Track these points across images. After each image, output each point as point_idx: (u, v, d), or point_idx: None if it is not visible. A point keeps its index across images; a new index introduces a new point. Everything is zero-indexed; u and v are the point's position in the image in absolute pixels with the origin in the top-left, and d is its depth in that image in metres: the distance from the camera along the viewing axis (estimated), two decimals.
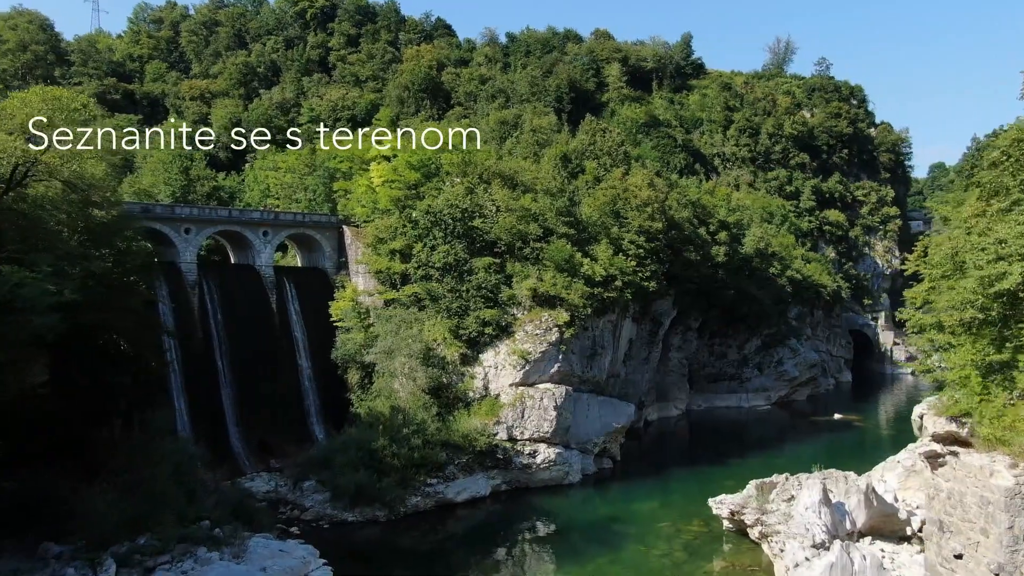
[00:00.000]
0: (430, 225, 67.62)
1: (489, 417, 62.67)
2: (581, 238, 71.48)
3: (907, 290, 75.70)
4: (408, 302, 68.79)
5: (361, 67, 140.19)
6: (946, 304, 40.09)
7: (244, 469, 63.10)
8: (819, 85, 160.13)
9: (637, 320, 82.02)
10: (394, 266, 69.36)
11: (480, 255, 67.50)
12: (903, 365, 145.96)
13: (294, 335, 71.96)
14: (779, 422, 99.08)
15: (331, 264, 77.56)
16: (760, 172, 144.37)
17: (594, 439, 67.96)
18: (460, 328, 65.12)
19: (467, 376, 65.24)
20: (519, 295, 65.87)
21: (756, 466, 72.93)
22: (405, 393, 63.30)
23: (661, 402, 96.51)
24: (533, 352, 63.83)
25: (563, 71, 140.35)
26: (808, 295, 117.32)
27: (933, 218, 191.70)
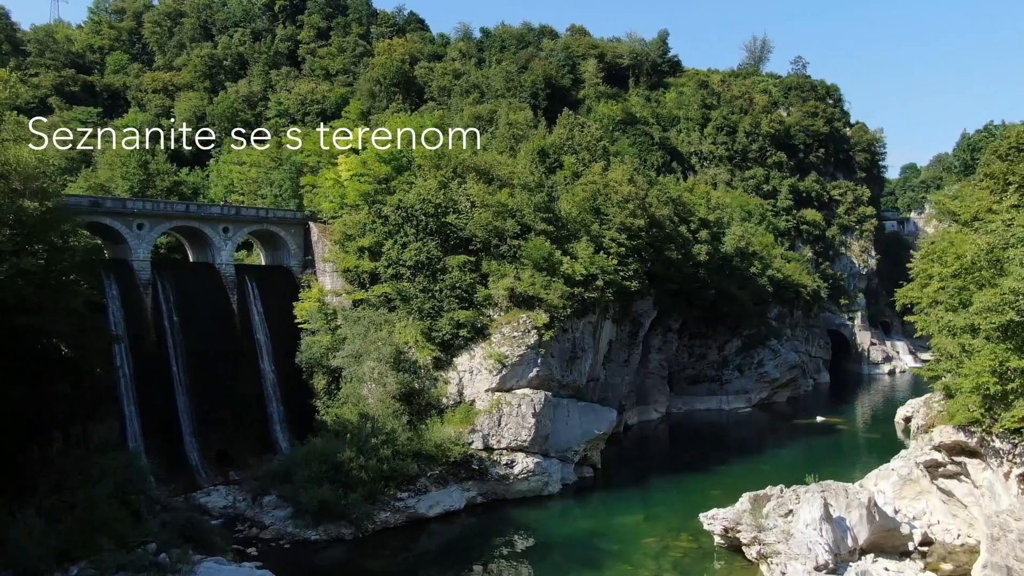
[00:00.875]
0: (401, 221, 63.23)
1: (464, 425, 58.43)
2: (560, 235, 67.47)
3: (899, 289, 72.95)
4: (378, 303, 64.35)
5: (331, 61, 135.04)
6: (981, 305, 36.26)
7: (200, 482, 58.28)
8: (795, 84, 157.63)
9: (617, 321, 78.26)
10: (363, 264, 64.85)
11: (454, 253, 63.26)
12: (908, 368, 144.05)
13: (256, 338, 67.16)
14: (761, 425, 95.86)
15: (297, 262, 72.85)
16: (737, 171, 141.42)
17: (574, 447, 63.96)
18: (433, 330, 60.82)
19: (440, 381, 60.96)
20: (495, 295, 61.74)
21: (742, 473, 69.52)
22: (374, 400, 58.88)
23: (641, 405, 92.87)
24: (510, 356, 59.71)
25: (538, 67, 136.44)
26: (788, 295, 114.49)
27: (909, 219, 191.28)
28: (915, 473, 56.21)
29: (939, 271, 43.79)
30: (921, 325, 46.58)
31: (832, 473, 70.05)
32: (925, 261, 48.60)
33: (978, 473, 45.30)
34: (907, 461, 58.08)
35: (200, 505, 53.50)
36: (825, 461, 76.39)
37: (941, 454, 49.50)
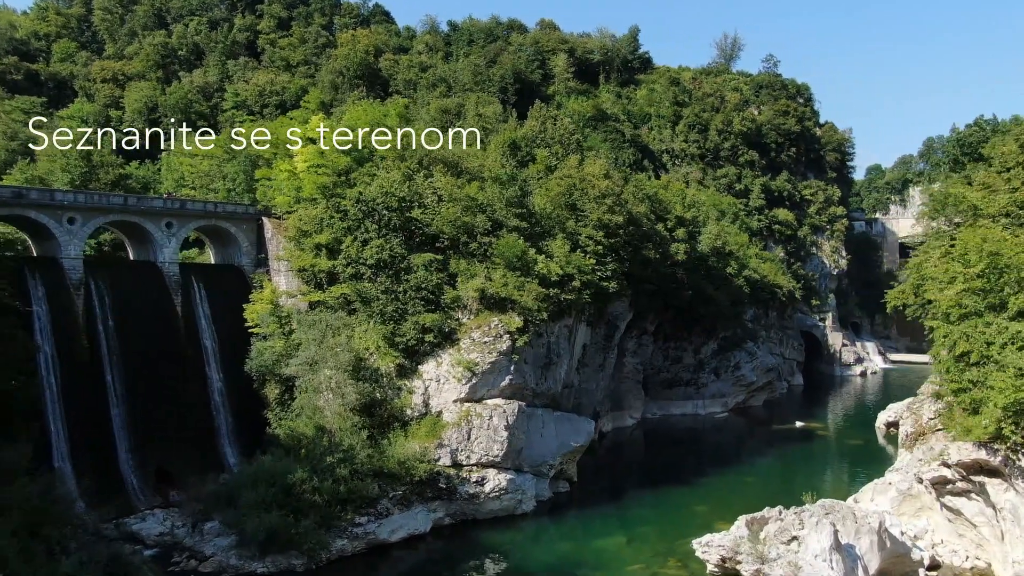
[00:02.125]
0: (362, 216, 57.29)
1: (430, 439, 52.65)
2: (534, 232, 62.06)
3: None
4: (336, 305, 58.35)
5: (292, 52, 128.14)
6: None
7: (137, 505, 51.76)
8: (767, 82, 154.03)
9: (592, 324, 73.06)
10: (320, 263, 58.77)
11: (420, 251, 57.52)
12: (879, 370, 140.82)
13: (203, 343, 60.68)
14: (739, 432, 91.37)
15: (249, 261, 66.41)
16: (709, 169, 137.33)
17: (550, 461, 58.48)
18: (396, 335, 54.95)
19: (404, 391, 55.11)
20: (464, 297, 56.09)
21: (726, 486, 64.80)
22: (331, 412, 52.88)
23: (615, 411, 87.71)
24: (481, 363, 54.10)
25: (507, 61, 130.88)
26: (764, 296, 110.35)
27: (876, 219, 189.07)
28: (916, 488, 51.75)
29: (963, 271, 38.91)
30: (942, 332, 41.62)
31: (822, 487, 65.78)
32: (945, 261, 43.77)
33: (999, 494, 40.74)
34: (906, 475, 53.58)
35: (133, 532, 47.22)
36: (811, 472, 72.04)
37: (951, 470, 44.97)
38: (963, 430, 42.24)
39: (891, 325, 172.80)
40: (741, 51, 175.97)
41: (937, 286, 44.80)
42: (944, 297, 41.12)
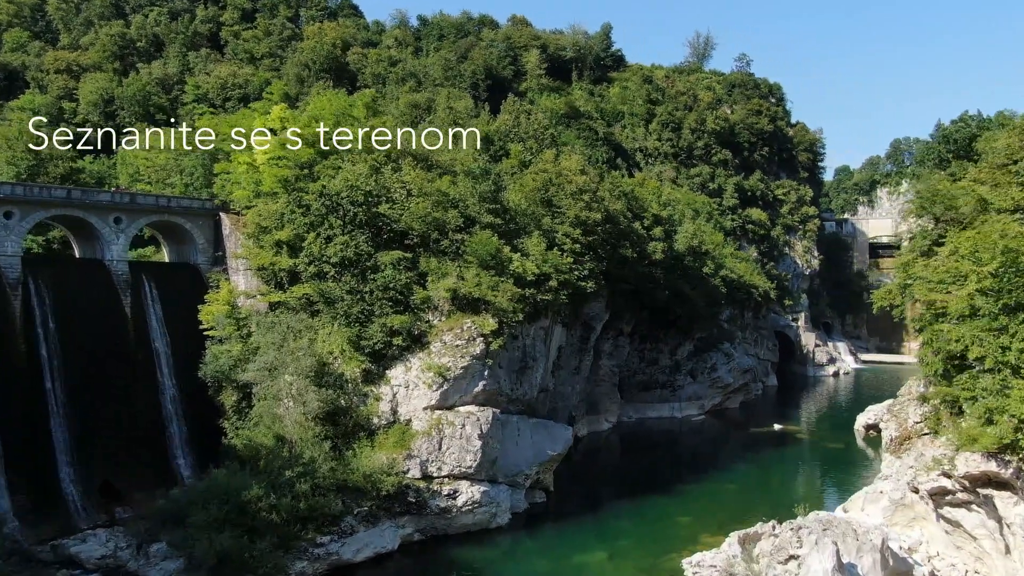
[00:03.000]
0: (325, 211, 53.25)
1: (398, 450, 48.81)
2: (509, 229, 58.50)
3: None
4: (298, 306, 54.27)
5: (256, 44, 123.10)
6: None
7: (78, 523, 47.18)
8: (739, 81, 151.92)
9: (567, 325, 69.67)
10: (280, 261, 54.60)
11: (387, 248, 53.64)
12: (851, 370, 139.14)
13: (154, 347, 56.12)
14: (717, 435, 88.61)
15: (205, 259, 61.99)
16: (683, 168, 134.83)
17: (525, 470, 54.89)
18: (362, 338, 51.01)
19: (371, 398, 51.21)
20: (435, 297, 52.33)
21: (708, 494, 61.70)
22: (291, 421, 48.83)
23: (591, 415, 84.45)
24: (453, 368, 50.36)
25: (479, 56, 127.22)
26: (740, 296, 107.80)
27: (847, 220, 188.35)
28: (909, 498, 48.95)
29: (976, 270, 35.91)
30: (954, 335, 38.63)
31: (807, 495, 62.78)
32: (953, 259, 40.83)
33: (1008, 508, 37.91)
34: (898, 483, 50.82)
35: (71, 556, 42.63)
36: (794, 478, 69.38)
37: (951, 481, 42.20)
38: (967, 439, 39.42)
39: (861, 325, 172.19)
40: (714, 50, 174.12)
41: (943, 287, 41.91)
42: (955, 298, 38.11)
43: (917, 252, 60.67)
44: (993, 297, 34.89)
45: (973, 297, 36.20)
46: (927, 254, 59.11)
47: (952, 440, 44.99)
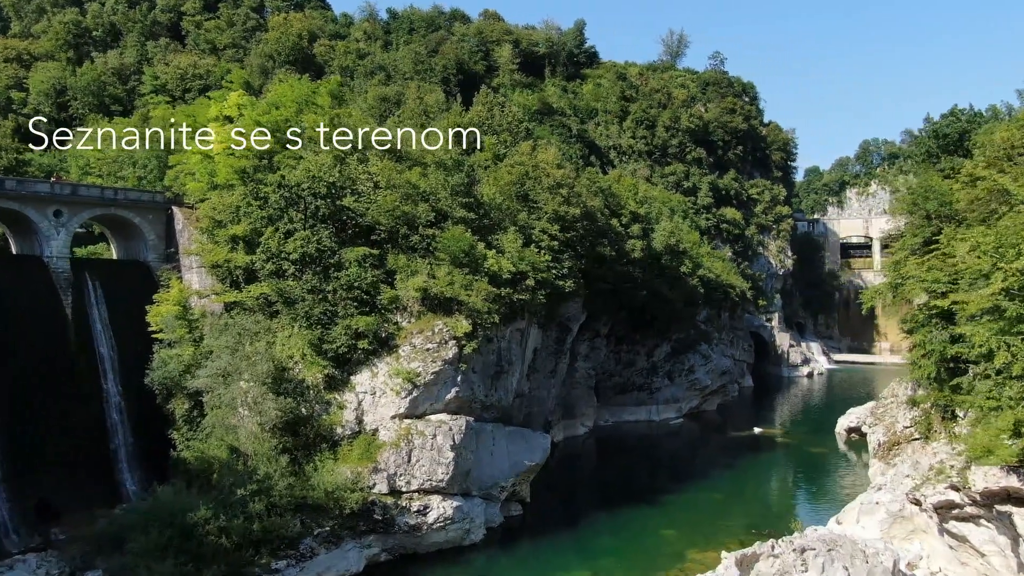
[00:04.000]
0: (285, 204, 48.83)
1: (363, 463, 44.57)
2: (483, 225, 54.46)
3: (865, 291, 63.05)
4: (255, 306, 49.73)
5: (219, 34, 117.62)
6: None
7: (8, 547, 42.30)
8: (713, 80, 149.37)
9: (543, 326, 65.77)
10: (235, 258, 50.07)
11: (352, 244, 49.37)
12: (824, 370, 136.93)
13: (98, 351, 51.29)
14: (696, 440, 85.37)
15: (156, 256, 57.21)
16: (657, 167, 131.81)
17: (501, 483, 50.93)
18: (324, 341, 46.66)
19: (334, 406, 46.87)
20: (404, 297, 48.16)
21: (693, 504, 58.19)
22: (246, 432, 44.33)
23: (567, 419, 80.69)
24: (423, 373, 46.23)
25: (450, 50, 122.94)
26: (717, 296, 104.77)
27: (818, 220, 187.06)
28: (909, 510, 45.82)
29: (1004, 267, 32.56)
30: (979, 340, 35.32)
31: (796, 505, 59.76)
32: (974, 254, 37.57)
33: None
34: (895, 493, 47.72)
35: None
36: (780, 486, 66.27)
37: (959, 495, 39.09)
38: (981, 450, 36.15)
39: (833, 325, 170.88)
40: (687, 48, 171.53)
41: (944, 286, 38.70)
42: (978, 297, 34.83)
43: (908, 250, 57.82)
44: (1020, 297, 31.60)
45: (998, 297, 32.85)
46: (919, 252, 56.34)
47: (957, 449, 41.98)
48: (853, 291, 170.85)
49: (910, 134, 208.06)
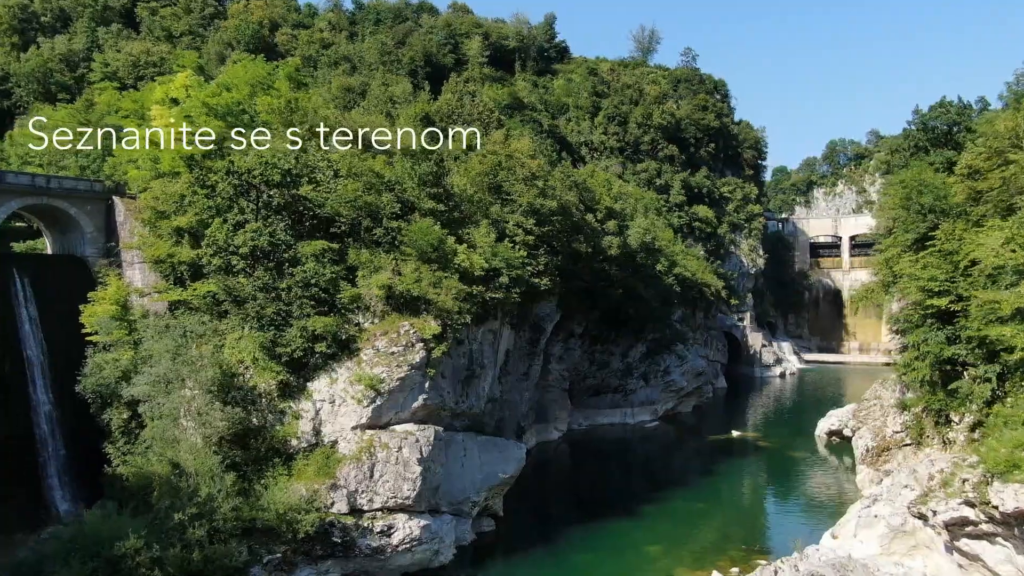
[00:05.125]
0: (234, 192, 43.83)
1: (321, 479, 39.83)
2: (453, 218, 50.07)
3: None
4: (203, 306, 44.65)
5: (175, 21, 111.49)
6: None
7: None
8: (685, 76, 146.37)
9: (515, 327, 61.61)
10: (180, 252, 45.01)
11: (310, 238, 44.57)
12: (796, 370, 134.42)
13: (26, 355, 45.63)
14: (673, 444, 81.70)
15: (95, 251, 51.65)
16: (629, 163, 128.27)
17: (473, 497, 46.50)
18: (278, 344, 41.83)
19: (289, 416, 42.06)
20: (367, 296, 43.55)
21: (675, 516, 54.26)
22: (189, 446, 39.33)
23: (540, 424, 76.59)
24: (387, 379, 41.64)
25: (417, 42, 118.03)
26: (692, 295, 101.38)
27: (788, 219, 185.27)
28: (911, 524, 42.33)
29: None
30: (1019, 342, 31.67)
31: (786, 517, 56.21)
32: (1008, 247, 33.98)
33: None
34: (896, 507, 44.16)
35: None
36: (765, 494, 62.64)
37: (976, 511, 35.63)
38: (1005, 464, 32.65)
39: (803, 325, 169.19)
40: (659, 44, 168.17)
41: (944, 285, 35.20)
42: (1015, 296, 31.21)
43: (901, 247, 54.57)
44: None
45: None
46: (914, 248, 53.11)
47: (968, 461, 38.52)
48: (822, 290, 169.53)
49: (876, 135, 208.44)
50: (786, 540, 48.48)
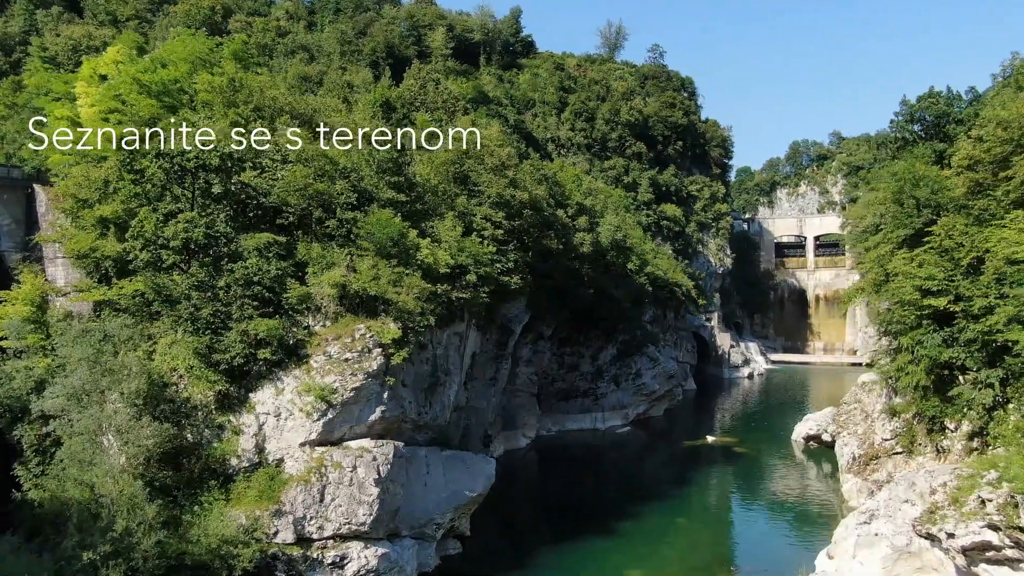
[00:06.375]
0: (167, 178, 38.26)
1: (263, 504, 34.51)
2: (415, 210, 45.03)
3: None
4: (132, 307, 39.02)
5: (121, 5, 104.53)
6: None
7: None
8: (652, 73, 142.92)
9: (482, 328, 56.70)
10: (104, 246, 39.34)
11: (255, 230, 39.24)
12: (764, 371, 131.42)
13: None
14: (647, 451, 77.46)
15: (13, 244, 45.98)
16: (597, 160, 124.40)
17: (437, 518, 41.42)
18: (215, 350, 36.36)
19: (228, 431, 36.64)
20: (318, 295, 38.34)
21: (655, 533, 49.79)
22: (107, 468, 33.71)
23: (508, 430, 71.79)
24: (340, 389, 36.46)
25: (379, 33, 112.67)
26: (663, 295, 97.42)
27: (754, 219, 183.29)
28: (918, 544, 38.45)
29: None
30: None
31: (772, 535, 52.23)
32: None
33: None
34: (898, 524, 40.26)
35: None
36: (746, 506, 58.51)
37: (999, 535, 31.78)
38: None
39: (769, 325, 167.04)
40: (626, 40, 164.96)
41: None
42: None
43: (893, 244, 50.89)
44: None
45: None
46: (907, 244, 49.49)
47: (987, 479, 34.63)
48: (788, 290, 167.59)
49: (838, 136, 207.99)
50: (777, 559, 44.55)
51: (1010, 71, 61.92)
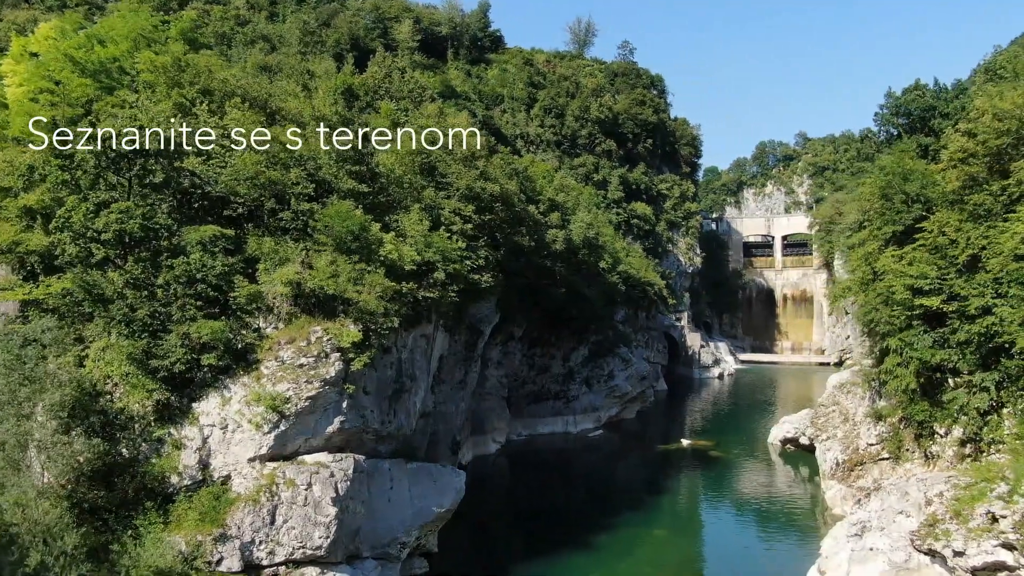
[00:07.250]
0: (100, 165, 34.12)
1: (207, 527, 30.63)
2: (379, 202, 41.42)
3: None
4: (63, 307, 34.77)
5: None
6: None
7: None
8: (622, 70, 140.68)
9: (450, 330, 53.17)
10: (30, 240, 35.02)
11: (200, 222, 35.29)
12: (734, 371, 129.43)
13: None
14: (621, 456, 74.41)
15: None
16: (567, 157, 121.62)
17: (402, 537, 37.80)
18: (153, 356, 32.37)
19: (168, 445, 32.64)
20: (269, 294, 34.50)
21: (634, 546, 46.78)
22: (30, 489, 29.57)
23: (477, 435, 68.37)
24: (294, 398, 32.71)
25: (343, 24, 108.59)
26: (635, 294, 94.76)
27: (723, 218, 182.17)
28: (916, 560, 35.87)
29: None
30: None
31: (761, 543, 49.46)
32: None
33: None
34: (894, 539, 37.65)
35: None
36: (726, 516, 55.76)
37: (1015, 555, 29.21)
38: None
39: (737, 325, 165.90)
40: (595, 37, 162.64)
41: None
42: None
43: (881, 241, 48.49)
44: None
45: None
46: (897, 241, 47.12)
47: (997, 492, 32.07)
48: (756, 290, 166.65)
49: (804, 136, 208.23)
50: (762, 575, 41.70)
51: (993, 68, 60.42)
